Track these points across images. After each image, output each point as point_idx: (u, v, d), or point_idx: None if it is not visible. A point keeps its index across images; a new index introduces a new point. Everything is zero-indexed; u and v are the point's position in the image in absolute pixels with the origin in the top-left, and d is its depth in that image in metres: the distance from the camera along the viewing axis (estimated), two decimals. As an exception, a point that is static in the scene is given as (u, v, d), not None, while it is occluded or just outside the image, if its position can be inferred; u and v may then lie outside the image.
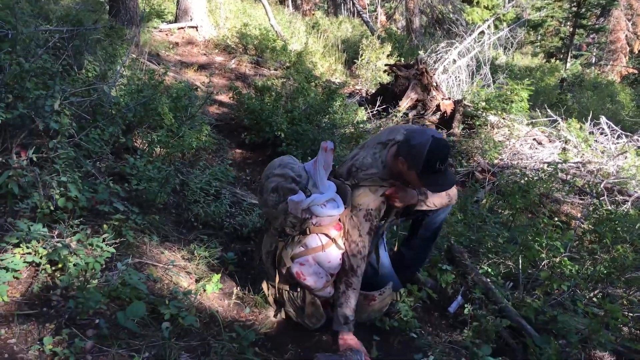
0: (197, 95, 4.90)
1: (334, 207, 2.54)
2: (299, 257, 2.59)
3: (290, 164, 2.61)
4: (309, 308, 2.67)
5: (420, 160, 2.50)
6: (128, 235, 2.86)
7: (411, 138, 2.58)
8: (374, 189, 2.64)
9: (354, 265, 2.57)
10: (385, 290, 2.76)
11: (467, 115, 7.75)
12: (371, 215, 2.61)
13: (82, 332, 2.18)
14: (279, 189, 2.51)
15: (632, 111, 11.52)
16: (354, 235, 2.61)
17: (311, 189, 2.54)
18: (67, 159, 2.86)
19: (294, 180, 2.52)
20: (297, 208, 2.46)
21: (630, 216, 4.63)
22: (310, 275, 2.59)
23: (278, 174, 2.55)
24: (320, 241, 2.57)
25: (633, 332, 3.24)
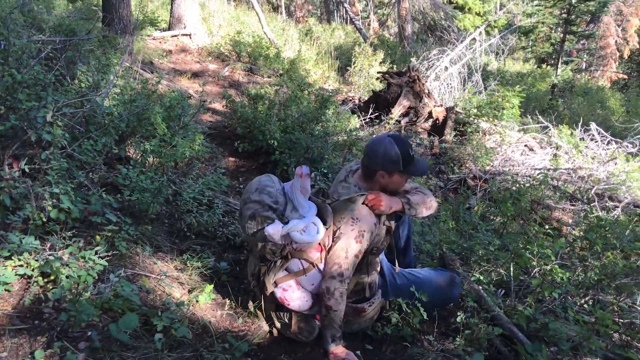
0: (190, 104, 4.91)
1: (314, 232, 2.51)
2: (282, 282, 2.60)
3: (267, 188, 2.56)
4: (295, 326, 2.69)
5: (397, 159, 2.64)
6: (121, 247, 2.86)
7: (374, 151, 2.68)
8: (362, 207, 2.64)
9: (330, 288, 2.52)
10: (374, 301, 2.77)
11: (459, 122, 7.81)
12: (363, 237, 2.59)
13: (74, 345, 2.17)
14: (256, 217, 2.47)
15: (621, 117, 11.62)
16: (339, 257, 2.55)
17: (290, 214, 2.52)
18: (59, 170, 2.85)
19: (271, 208, 2.49)
20: (274, 237, 2.46)
21: (620, 222, 4.67)
22: (294, 300, 2.61)
23: (255, 200, 2.51)
24: (302, 265, 2.58)
25: (623, 338, 3.27)
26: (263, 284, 2.64)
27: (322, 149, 5.15)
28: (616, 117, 11.56)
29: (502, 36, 13.47)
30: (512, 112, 7.70)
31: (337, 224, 2.62)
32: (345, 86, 10.06)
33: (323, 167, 5.11)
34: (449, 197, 5.74)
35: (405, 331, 2.87)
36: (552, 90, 14.90)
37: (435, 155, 6.94)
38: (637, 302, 3.59)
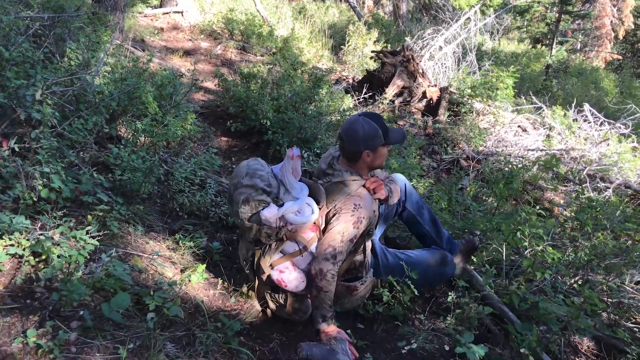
0: (182, 83, 4.86)
1: (309, 212, 2.52)
2: (278, 264, 2.60)
3: (258, 172, 2.55)
4: (290, 307, 2.70)
5: (377, 133, 2.66)
6: (112, 226, 2.86)
7: (353, 133, 2.68)
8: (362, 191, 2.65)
9: (323, 269, 2.53)
10: (366, 279, 2.79)
11: (453, 102, 7.79)
12: (361, 224, 2.60)
13: (66, 324, 2.18)
14: (250, 201, 2.47)
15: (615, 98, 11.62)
16: (334, 240, 2.56)
17: (283, 196, 2.52)
18: (50, 149, 2.83)
19: (265, 191, 2.49)
20: (271, 221, 2.45)
21: (611, 203, 4.70)
22: (291, 281, 2.61)
23: (247, 184, 2.50)
24: (298, 246, 2.58)
25: (612, 317, 3.31)
26: (258, 267, 2.64)
27: (315, 129, 5.12)
28: (610, 98, 11.57)
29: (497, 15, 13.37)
30: (506, 93, 7.67)
31: (329, 205, 2.62)
32: (339, 65, 9.98)
33: (316, 148, 5.09)
34: (442, 178, 5.75)
35: (397, 310, 2.90)
36: (546, 70, 14.87)
37: (429, 135, 6.93)
38: (626, 282, 3.63)
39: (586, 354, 3.03)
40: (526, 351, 2.60)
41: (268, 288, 2.71)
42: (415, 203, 3.23)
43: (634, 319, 3.37)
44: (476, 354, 2.59)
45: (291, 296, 2.68)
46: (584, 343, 3.10)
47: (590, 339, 3.12)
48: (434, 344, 2.78)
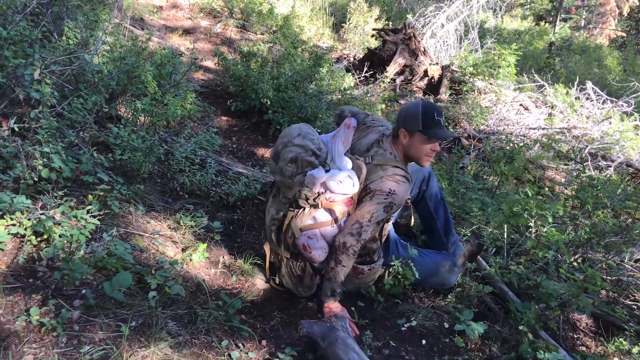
0: (181, 62, 4.82)
1: (350, 185, 2.51)
2: (308, 229, 2.57)
3: (310, 135, 2.55)
4: (307, 278, 2.70)
5: (417, 115, 2.62)
6: (113, 206, 2.86)
7: (403, 110, 2.71)
8: (399, 177, 2.63)
9: (347, 243, 2.52)
10: (375, 266, 2.78)
11: (455, 80, 7.74)
12: (391, 209, 2.60)
13: (69, 303, 2.20)
14: (299, 160, 2.46)
15: (618, 75, 11.53)
16: (363, 218, 2.54)
17: (329, 164, 2.53)
18: (49, 129, 2.82)
19: (314, 154, 2.48)
20: (315, 183, 2.45)
21: (612, 182, 4.70)
22: (316, 249, 2.59)
23: (298, 144, 2.49)
24: (330, 216, 2.57)
25: (610, 295, 3.34)
26: (288, 229, 2.62)
27: (315, 108, 5.10)
28: (613, 76, 11.48)
29: (500, -8, 13.21)
30: (508, 71, 7.63)
31: (365, 182, 2.62)
32: (340, 43, 9.90)
33: (317, 127, 5.08)
34: (442, 157, 5.74)
35: (397, 289, 2.92)
36: (549, 48, 14.73)
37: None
38: (626, 259, 3.65)
39: (584, 330, 3.05)
40: (525, 328, 2.63)
41: (288, 254, 2.70)
42: (434, 196, 3.19)
43: (633, 296, 3.39)
44: (475, 331, 2.63)
45: (309, 267, 2.67)
46: (582, 320, 3.13)
47: (588, 316, 3.15)
48: (433, 321, 2.80)
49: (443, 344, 2.65)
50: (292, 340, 2.48)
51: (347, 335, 2.31)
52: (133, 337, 2.15)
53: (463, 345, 2.64)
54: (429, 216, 3.19)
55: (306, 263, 2.68)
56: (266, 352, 2.35)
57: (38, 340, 2.00)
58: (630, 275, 3.55)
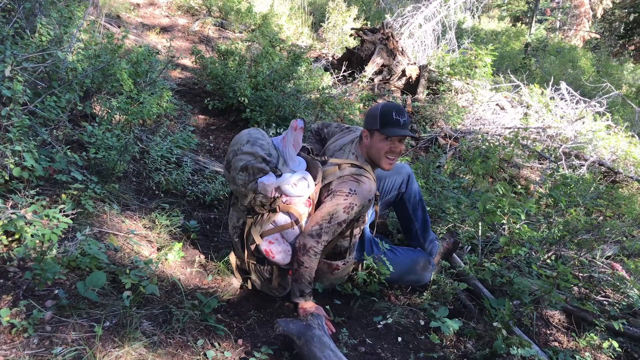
0: (158, 60, 4.78)
1: (305, 186, 2.52)
2: (268, 234, 2.59)
3: (259, 141, 2.53)
4: (276, 281, 2.71)
5: (376, 114, 2.67)
6: (87, 205, 2.83)
7: (367, 111, 2.76)
8: (359, 177, 2.64)
9: (307, 244, 2.54)
10: (348, 260, 2.81)
11: (432, 80, 7.80)
12: (352, 209, 2.59)
13: (41, 303, 2.17)
14: (249, 168, 2.45)
15: (592, 76, 11.75)
16: (323, 219, 2.55)
17: (281, 167, 2.51)
18: (21, 127, 2.77)
19: (264, 160, 2.47)
20: (267, 189, 2.45)
21: (585, 180, 4.79)
22: (279, 253, 2.60)
23: (247, 151, 2.48)
24: (290, 218, 2.58)
25: (582, 292, 3.40)
26: (248, 236, 2.62)
27: (293, 106, 5.10)
28: (586, 76, 11.69)
29: (477, -7, 13.35)
30: (485, 71, 7.71)
31: (324, 181, 2.63)
32: (319, 43, 9.90)
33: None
34: (419, 156, 5.78)
35: (373, 287, 2.93)
36: (525, 49, 14.94)
37: (408, 114, 6.95)
38: (597, 256, 3.72)
39: (557, 326, 3.11)
40: (499, 325, 2.66)
41: (254, 259, 2.70)
42: (413, 197, 3.19)
43: (604, 292, 3.46)
44: (450, 327, 2.65)
45: (277, 270, 2.69)
46: (555, 316, 3.18)
47: (561, 312, 3.20)
48: (409, 318, 2.83)
49: (419, 341, 2.67)
50: (268, 339, 2.47)
51: (323, 333, 2.32)
52: (107, 337, 2.12)
53: (438, 341, 2.67)
54: (407, 217, 3.20)
55: (272, 266, 2.69)
56: (242, 351, 2.35)
57: (8, 341, 1.97)
58: (601, 271, 3.63)
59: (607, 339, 2.85)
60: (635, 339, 3.04)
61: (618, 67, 14.15)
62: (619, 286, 3.43)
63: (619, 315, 3.11)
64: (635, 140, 6.78)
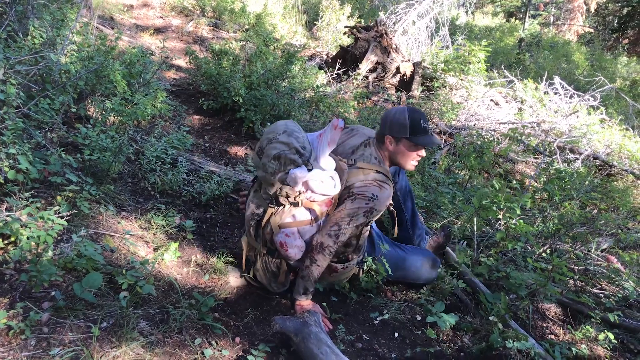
0: (152, 61, 4.78)
1: (332, 185, 2.52)
2: (286, 227, 2.58)
3: (295, 133, 2.53)
4: (282, 275, 2.72)
5: (405, 123, 2.65)
6: (83, 206, 2.83)
7: (387, 115, 2.73)
8: (382, 183, 2.64)
9: (324, 243, 2.54)
10: (349, 265, 2.81)
11: (426, 77, 7.82)
12: (371, 214, 2.60)
13: (38, 305, 2.17)
14: (282, 158, 2.45)
15: (586, 71, 11.78)
16: (342, 220, 2.55)
17: (312, 163, 2.52)
18: (15, 130, 2.77)
19: (298, 152, 2.47)
20: (297, 181, 2.45)
21: (580, 174, 4.81)
22: (292, 247, 2.59)
23: (283, 141, 2.47)
24: (310, 215, 2.58)
25: (578, 284, 3.42)
26: (266, 225, 2.62)
27: (288, 105, 5.11)
28: (580, 71, 11.73)
29: (470, -11, 13.39)
30: (479, 67, 7.73)
31: (346, 183, 2.63)
32: (313, 41, 9.90)
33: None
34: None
35: (371, 284, 2.95)
36: (519, 44, 14.97)
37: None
38: (592, 249, 3.74)
39: (553, 319, 3.12)
40: (495, 318, 2.68)
41: (265, 249, 2.70)
42: (403, 189, 3.24)
43: (599, 285, 3.48)
44: (447, 322, 2.66)
45: (284, 264, 2.69)
46: (551, 310, 3.20)
47: (557, 305, 3.22)
48: (405, 314, 2.84)
49: (415, 336, 2.69)
50: (265, 336, 2.48)
51: (319, 330, 2.33)
52: (104, 337, 2.13)
53: (435, 336, 2.68)
54: (398, 209, 3.23)
55: (281, 260, 2.69)
56: (240, 349, 2.36)
57: (6, 343, 1.97)
58: (596, 264, 3.65)
59: (602, 330, 2.86)
60: (631, 330, 3.06)
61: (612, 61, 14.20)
62: (615, 278, 3.45)
63: (615, 308, 3.13)
64: (630, 134, 6.80)
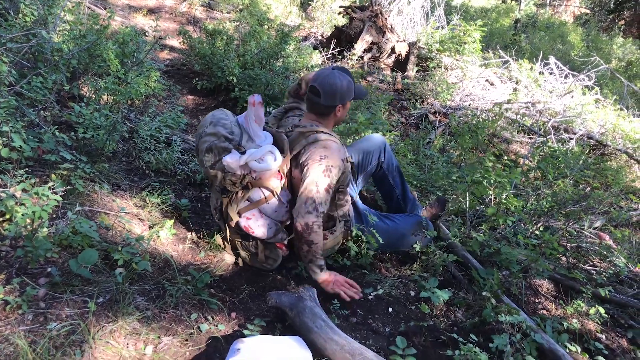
0: (145, 41, 4.74)
1: (272, 160, 2.52)
2: (245, 211, 2.63)
3: (222, 120, 2.53)
4: (262, 254, 2.75)
5: (351, 87, 2.75)
6: (77, 184, 2.82)
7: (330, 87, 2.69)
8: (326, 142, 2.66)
9: (309, 222, 2.54)
10: (336, 229, 2.85)
11: (422, 57, 7.79)
12: (331, 172, 2.60)
13: (34, 281, 2.18)
14: (214, 149, 2.46)
15: (581, 51, 11.75)
16: (311, 192, 2.56)
17: (246, 144, 2.51)
18: (8, 107, 2.76)
19: (227, 139, 2.47)
20: (233, 167, 2.47)
21: (574, 153, 4.83)
22: (258, 228, 2.65)
23: (210, 132, 2.48)
24: (263, 194, 2.61)
25: (570, 261, 3.45)
26: (227, 215, 2.66)
27: (282, 85, 5.09)
28: (575, 51, 11.69)
29: (466, -31, 13.27)
30: (474, 47, 7.71)
31: (293, 152, 2.66)
32: (308, 22, 9.83)
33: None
34: (410, 133, 5.80)
35: (364, 260, 2.97)
36: (515, 25, 14.89)
37: (398, 91, 6.95)
38: (585, 227, 3.77)
39: (545, 295, 3.16)
40: (488, 294, 2.71)
41: (238, 236, 2.75)
42: (391, 165, 3.28)
43: (591, 262, 3.52)
44: (440, 298, 2.69)
45: (261, 243, 2.72)
46: (543, 285, 3.23)
47: (549, 282, 3.25)
48: (399, 289, 2.87)
49: (409, 311, 2.72)
50: (261, 311, 2.51)
51: (314, 304, 2.35)
52: (100, 312, 2.15)
53: (429, 311, 2.71)
54: (388, 185, 3.29)
55: (257, 241, 2.73)
56: (235, 323, 2.38)
57: (3, 318, 1.98)
58: (589, 242, 3.68)
59: (593, 305, 2.90)
60: (621, 305, 3.10)
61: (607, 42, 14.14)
62: (606, 255, 3.49)
63: (606, 283, 3.16)
64: (624, 114, 6.82)
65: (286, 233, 2.79)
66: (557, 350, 2.44)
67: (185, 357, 2.09)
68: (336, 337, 2.16)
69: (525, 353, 2.39)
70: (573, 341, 2.66)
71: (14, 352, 1.84)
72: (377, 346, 2.37)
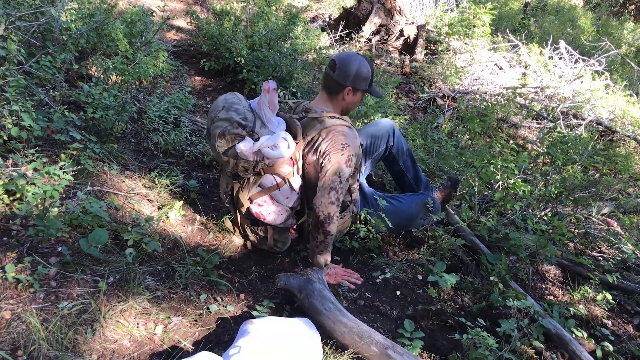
0: (153, 21, 4.70)
1: (285, 147, 2.51)
2: (256, 198, 2.62)
3: (234, 105, 2.50)
4: (271, 239, 2.75)
5: (368, 76, 2.73)
6: (87, 164, 2.83)
7: (347, 65, 2.68)
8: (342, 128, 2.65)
9: (330, 213, 2.53)
10: (345, 214, 2.84)
11: (430, 40, 7.72)
12: (352, 162, 2.61)
13: (45, 260, 2.20)
14: (226, 135, 2.44)
15: (591, 36, 11.62)
16: (333, 182, 2.55)
17: (259, 130, 2.49)
18: (17, 86, 2.75)
19: (240, 125, 2.45)
20: (246, 154, 2.45)
21: (583, 139, 4.80)
22: (269, 214, 2.65)
23: (223, 117, 2.45)
24: (275, 180, 2.60)
25: (578, 247, 3.45)
26: (237, 200, 2.66)
27: (290, 67, 5.05)
28: (585, 36, 11.56)
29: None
30: (483, 30, 7.62)
31: (306, 138, 2.64)
32: (315, 3, 9.73)
33: (292, 87, 5.05)
34: (418, 117, 5.77)
35: (372, 243, 2.98)
36: (524, 9, 14.71)
37: (406, 74, 6.90)
38: (593, 213, 3.76)
39: (552, 281, 3.17)
40: (495, 279, 2.71)
41: (248, 221, 2.75)
42: (401, 149, 3.25)
43: (599, 248, 3.52)
44: (448, 282, 2.69)
45: (271, 229, 2.73)
46: (551, 271, 3.24)
47: (557, 267, 3.26)
48: (407, 273, 2.88)
49: (417, 295, 2.73)
50: (269, 293, 2.52)
51: (323, 287, 2.36)
52: (111, 292, 2.16)
53: (436, 295, 2.72)
54: (399, 169, 3.28)
55: (267, 227, 2.73)
56: (244, 304, 2.40)
57: (15, 296, 2.00)
58: (597, 228, 3.68)
59: (600, 291, 2.91)
60: (629, 292, 3.11)
61: (618, 27, 13.97)
62: (614, 242, 3.48)
63: (613, 270, 3.17)
64: (634, 99, 6.76)
65: (296, 218, 2.79)
66: (564, 336, 2.46)
67: (194, 337, 2.12)
68: (345, 319, 2.17)
69: (532, 338, 2.41)
70: (580, 327, 2.67)
71: (27, 329, 1.86)
72: (385, 329, 2.39)
